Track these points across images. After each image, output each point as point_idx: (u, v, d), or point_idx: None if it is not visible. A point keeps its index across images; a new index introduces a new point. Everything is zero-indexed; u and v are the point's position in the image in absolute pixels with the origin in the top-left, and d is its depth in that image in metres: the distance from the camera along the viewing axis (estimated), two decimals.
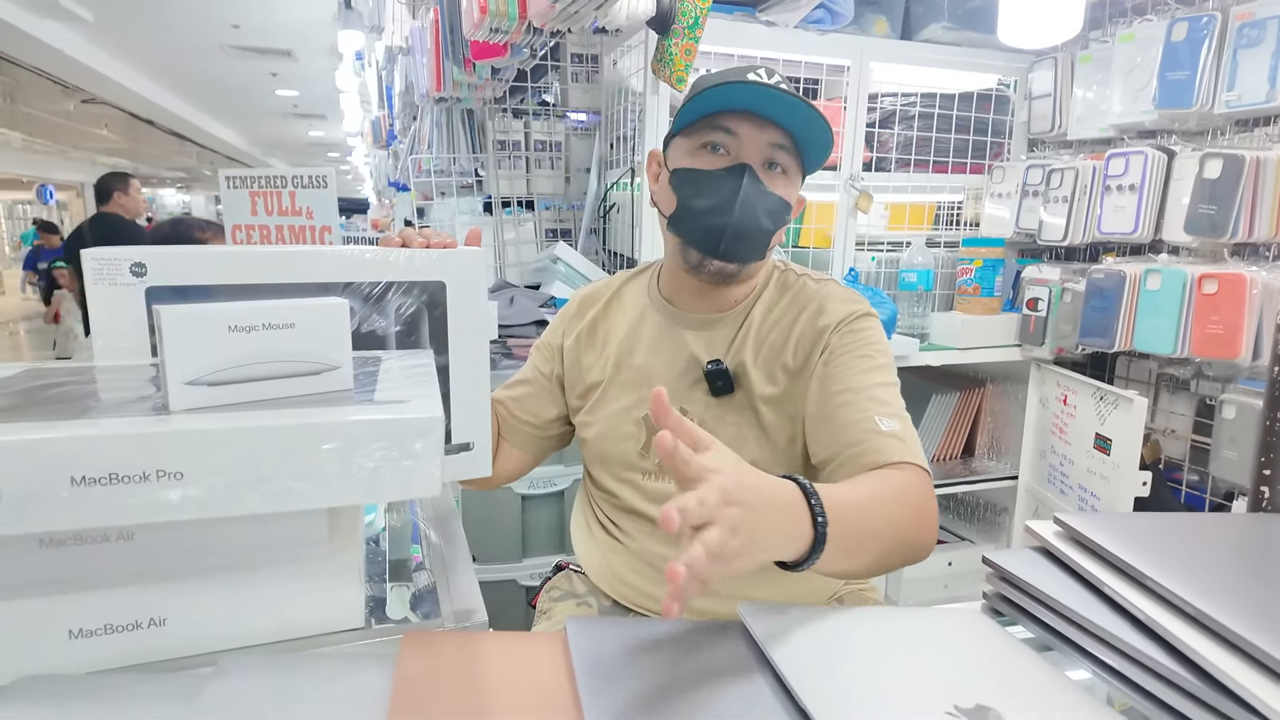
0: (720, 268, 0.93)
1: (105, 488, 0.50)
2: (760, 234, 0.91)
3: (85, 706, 0.49)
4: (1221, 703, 0.48)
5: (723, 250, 0.91)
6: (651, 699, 0.50)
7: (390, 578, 0.76)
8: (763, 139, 0.89)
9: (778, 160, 0.91)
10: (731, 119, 0.90)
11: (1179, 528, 0.71)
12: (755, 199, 0.89)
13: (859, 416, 0.85)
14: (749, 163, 0.89)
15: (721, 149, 0.91)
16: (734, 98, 0.88)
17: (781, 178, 0.92)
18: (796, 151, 0.91)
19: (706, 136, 0.91)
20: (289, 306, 0.61)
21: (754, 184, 0.89)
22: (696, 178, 0.91)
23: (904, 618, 0.64)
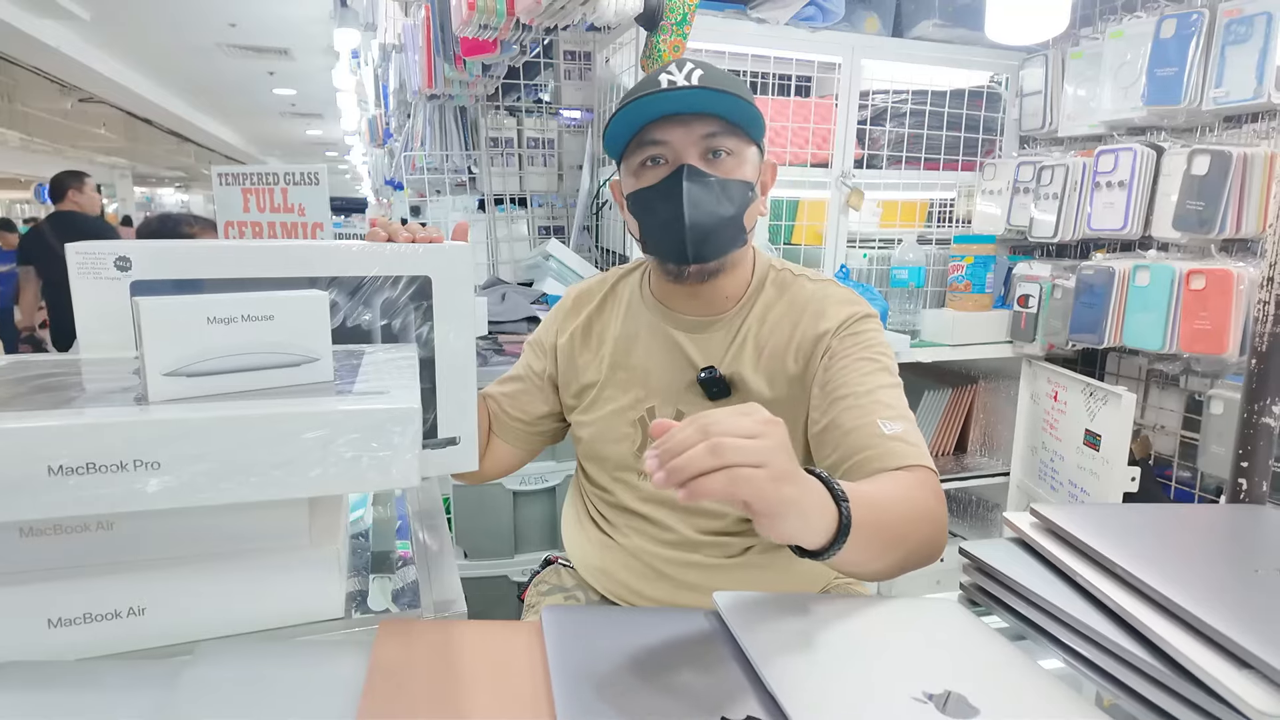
0: (700, 269, 0.92)
1: (83, 477, 0.50)
2: (723, 222, 0.89)
3: (64, 693, 0.50)
4: (1188, 689, 0.49)
5: (693, 253, 0.90)
6: (623, 687, 0.50)
7: (373, 570, 0.77)
8: (693, 134, 0.88)
9: (717, 147, 0.89)
10: (656, 128, 0.88)
11: (1154, 519, 0.72)
12: (702, 192, 0.88)
13: (864, 420, 0.84)
14: (687, 162, 0.88)
15: (660, 159, 0.90)
16: (648, 110, 0.88)
17: (729, 159, 0.90)
18: (735, 127, 0.89)
19: (642, 154, 0.91)
20: (268, 299, 0.62)
21: (696, 179, 0.87)
22: (645, 196, 0.91)
23: (879, 607, 0.64)
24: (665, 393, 0.98)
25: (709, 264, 0.92)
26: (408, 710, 0.46)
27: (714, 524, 0.97)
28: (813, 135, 1.93)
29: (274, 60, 7.26)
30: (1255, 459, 0.81)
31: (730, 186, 0.89)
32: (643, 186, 0.91)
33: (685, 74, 0.87)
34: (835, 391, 0.89)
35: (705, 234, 0.89)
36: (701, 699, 0.50)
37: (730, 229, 0.91)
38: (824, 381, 0.91)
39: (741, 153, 0.91)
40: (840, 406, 0.88)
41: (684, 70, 0.88)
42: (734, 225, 0.91)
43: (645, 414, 0.98)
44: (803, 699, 0.48)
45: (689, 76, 0.87)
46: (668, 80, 0.87)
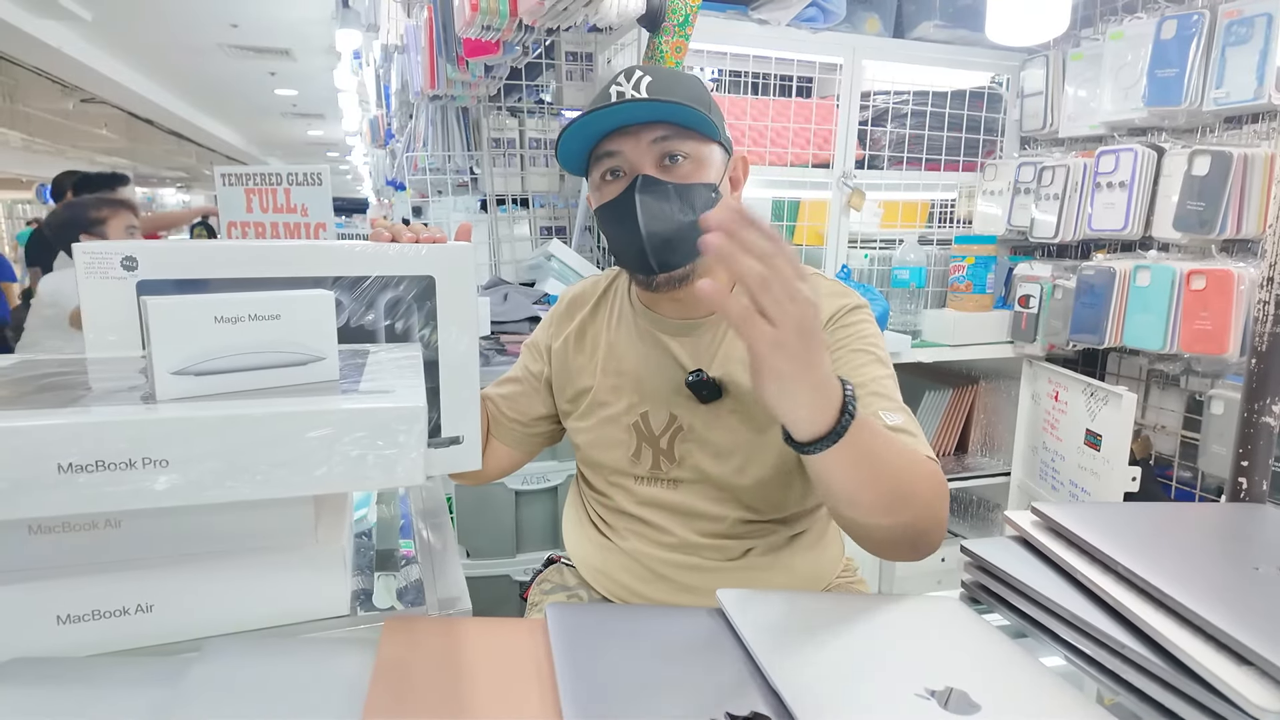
0: (667, 278, 0.91)
1: (92, 474, 0.51)
2: (684, 229, 0.87)
3: (71, 688, 0.50)
4: (1188, 685, 0.49)
5: (656, 263, 0.88)
6: (628, 683, 0.51)
7: (377, 568, 0.77)
8: (644, 143, 0.87)
9: (672, 151, 0.87)
10: (609, 141, 0.88)
11: (1154, 517, 0.72)
12: (657, 202, 0.86)
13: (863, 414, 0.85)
14: (643, 171, 0.87)
15: (619, 171, 0.89)
16: (598, 124, 0.87)
17: (687, 163, 0.88)
18: (689, 130, 0.87)
19: (600, 167, 0.90)
20: (275, 298, 0.62)
21: (650, 190, 0.86)
22: (606, 211, 0.91)
23: (881, 604, 0.64)
24: (657, 397, 0.97)
25: (676, 271, 0.90)
26: (414, 706, 0.47)
27: (713, 527, 0.97)
28: (814, 136, 1.94)
29: (275, 61, 7.27)
30: (1255, 458, 0.81)
31: (688, 191, 0.87)
32: (604, 201, 0.91)
33: (633, 83, 0.86)
34: None
35: (664, 242, 0.87)
36: (706, 695, 0.50)
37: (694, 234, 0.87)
38: None
39: (700, 155, 0.89)
40: None
41: (632, 80, 0.87)
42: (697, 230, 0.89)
43: (639, 419, 0.98)
44: (806, 694, 0.48)
45: (637, 86, 0.86)
46: (616, 93, 0.86)
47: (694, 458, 0.96)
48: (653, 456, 0.98)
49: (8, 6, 5.08)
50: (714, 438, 0.95)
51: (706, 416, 0.96)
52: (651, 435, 0.98)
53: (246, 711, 0.47)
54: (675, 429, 0.97)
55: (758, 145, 1.93)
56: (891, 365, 0.92)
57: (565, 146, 0.90)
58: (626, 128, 0.87)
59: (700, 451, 0.96)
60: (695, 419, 0.96)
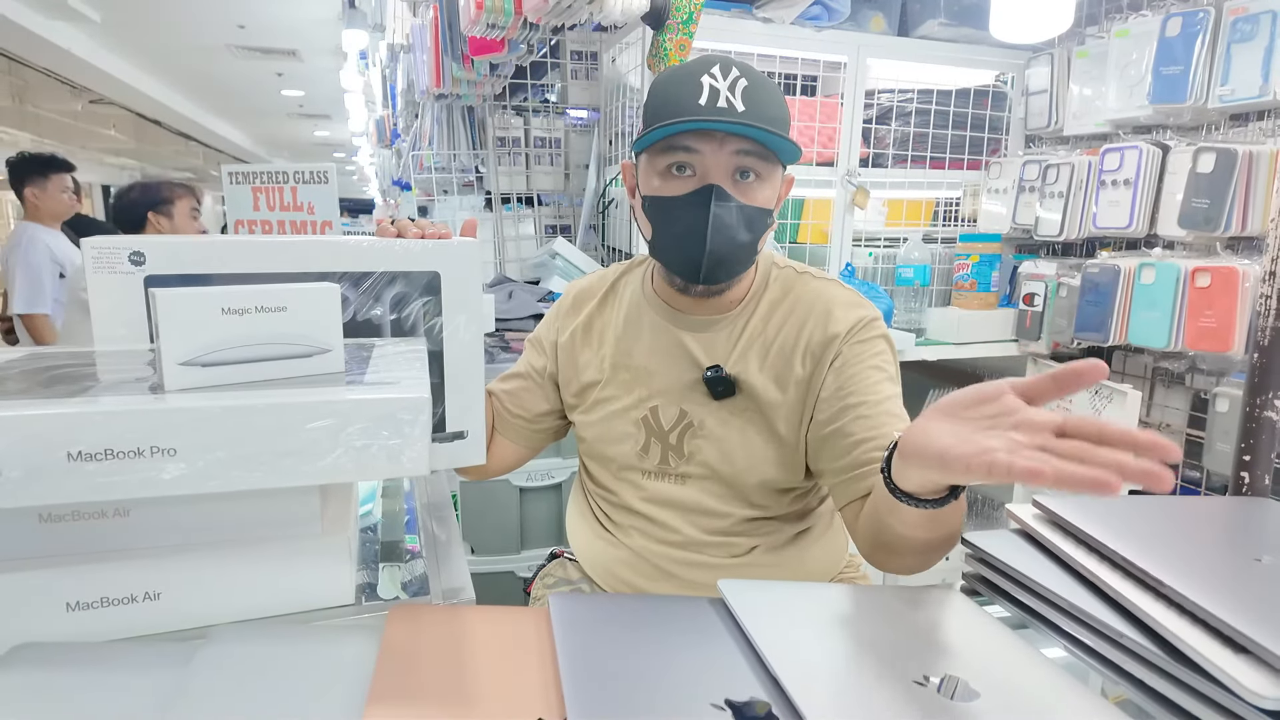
0: (706, 289, 0.92)
1: (101, 463, 0.52)
2: (740, 250, 0.88)
3: (79, 672, 0.51)
4: (1186, 674, 0.50)
5: (705, 276, 0.89)
6: (629, 671, 0.51)
7: (382, 559, 0.78)
8: (725, 152, 0.86)
9: (747, 167, 0.87)
10: (690, 137, 0.86)
11: (1156, 510, 0.72)
12: (727, 220, 0.86)
13: (877, 433, 0.85)
14: (716, 182, 0.86)
15: (688, 169, 0.87)
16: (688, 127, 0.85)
17: (755, 183, 0.88)
18: (766, 150, 0.87)
19: (670, 158, 0.87)
20: (281, 290, 0.63)
21: (723, 205, 0.86)
22: (666, 206, 0.89)
23: (881, 595, 0.65)
24: (669, 392, 0.97)
25: (716, 285, 0.91)
26: (418, 692, 0.47)
27: (719, 524, 0.97)
28: (818, 134, 1.94)
29: (282, 61, 7.30)
30: (1258, 453, 0.81)
31: (752, 214, 0.87)
32: (666, 194, 0.89)
33: (729, 85, 0.84)
34: (846, 399, 0.89)
35: (721, 259, 0.88)
36: (706, 683, 0.50)
37: (745, 254, 0.90)
38: (835, 387, 0.90)
39: (768, 176, 0.89)
40: (851, 415, 0.88)
41: (728, 79, 0.84)
42: (749, 251, 0.90)
43: (649, 414, 0.98)
44: (805, 681, 0.49)
45: (734, 90, 0.84)
46: (710, 88, 0.84)
47: (703, 454, 0.96)
48: (661, 451, 0.98)
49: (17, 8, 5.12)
50: (724, 435, 0.95)
51: (718, 413, 0.96)
52: (661, 430, 0.98)
53: (252, 695, 0.48)
54: (685, 424, 0.97)
55: None
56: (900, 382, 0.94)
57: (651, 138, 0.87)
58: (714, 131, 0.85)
59: (710, 448, 0.96)
60: (706, 415, 0.96)
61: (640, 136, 0.89)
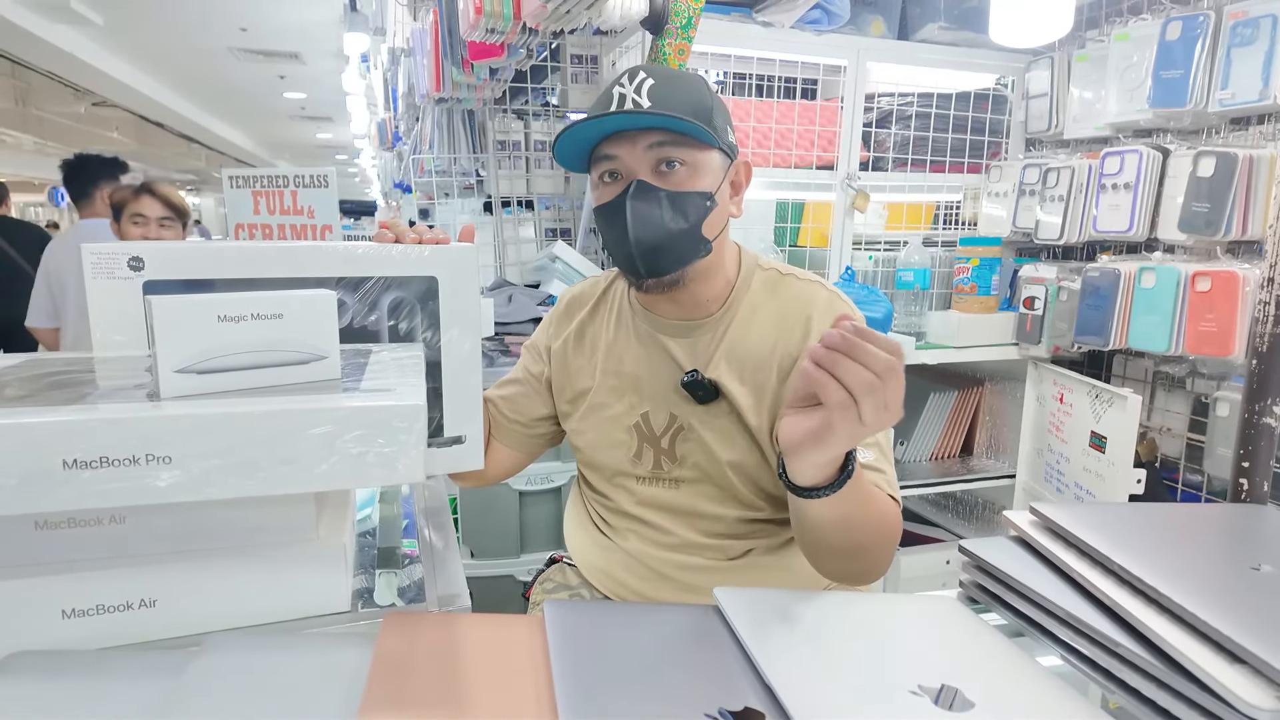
0: (656, 282, 0.91)
1: (96, 471, 0.52)
2: (675, 236, 0.88)
3: (74, 681, 0.51)
4: (1183, 685, 0.50)
5: (645, 268, 0.89)
6: (623, 678, 0.51)
7: (379, 565, 0.78)
8: (639, 148, 0.87)
9: (669, 158, 0.87)
10: (607, 145, 0.88)
11: (1153, 518, 0.72)
12: (649, 209, 0.87)
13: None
14: (638, 176, 0.87)
15: (617, 174, 0.90)
16: (596, 128, 0.88)
17: (683, 170, 0.88)
18: (687, 137, 0.87)
19: (599, 168, 0.91)
20: (277, 298, 0.63)
21: (642, 196, 0.87)
22: (601, 212, 0.91)
23: (878, 603, 0.65)
24: (656, 397, 0.98)
25: (665, 277, 0.90)
26: (411, 700, 0.47)
27: (715, 526, 0.97)
28: (818, 138, 1.94)
29: (284, 64, 7.32)
30: (1256, 459, 0.81)
31: (681, 199, 0.87)
32: (600, 203, 0.91)
33: (635, 85, 0.87)
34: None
35: (653, 249, 0.88)
36: (700, 691, 0.50)
37: (684, 242, 0.89)
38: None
39: (696, 161, 0.88)
40: None
41: (635, 81, 0.87)
42: (688, 238, 0.89)
43: (640, 420, 0.99)
44: (799, 690, 0.49)
45: (639, 89, 0.86)
46: (618, 94, 0.87)
47: (695, 457, 0.96)
48: (654, 456, 0.98)
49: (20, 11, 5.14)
50: (715, 437, 0.95)
51: (705, 416, 0.96)
52: (652, 435, 0.98)
53: (246, 703, 0.48)
54: (676, 429, 0.97)
55: (762, 147, 1.93)
56: None
57: (563, 147, 0.90)
58: (625, 132, 0.87)
59: (702, 451, 0.96)
60: (695, 419, 0.96)
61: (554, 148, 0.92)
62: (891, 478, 0.88)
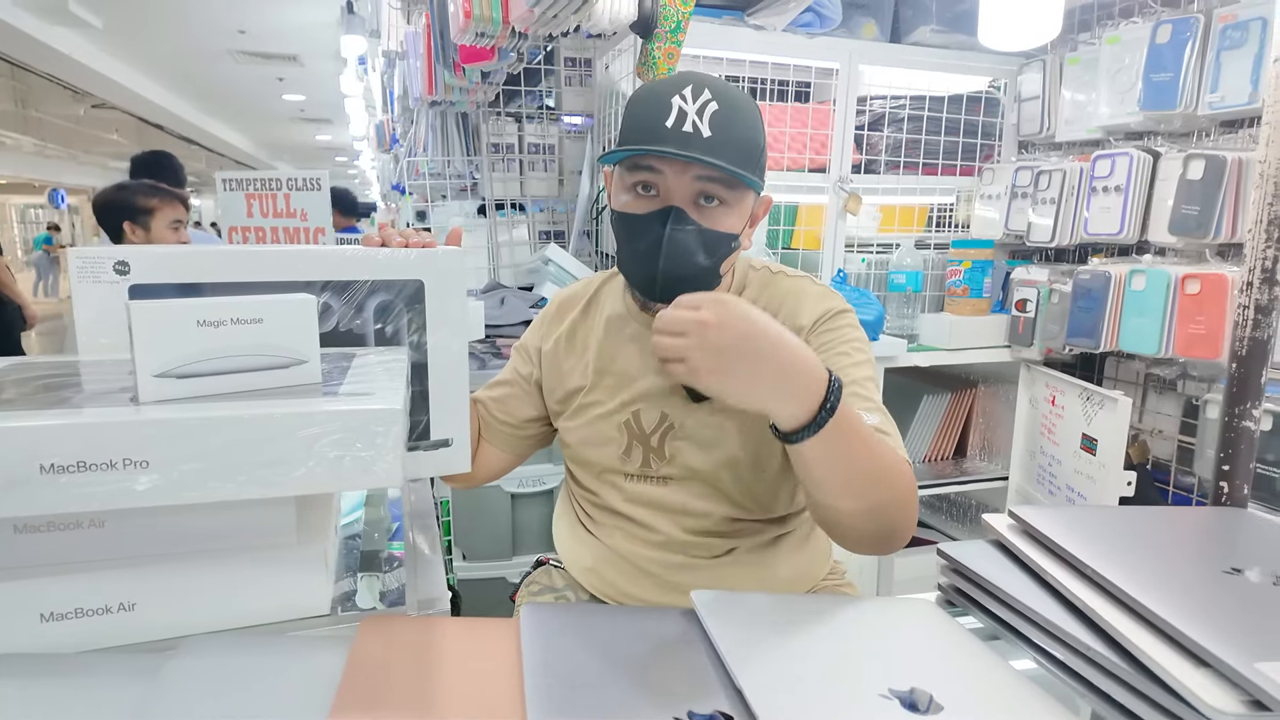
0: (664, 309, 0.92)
1: (74, 475, 0.52)
2: (697, 272, 0.88)
3: (49, 682, 0.52)
4: (1150, 688, 0.50)
5: (660, 294, 0.88)
6: (595, 682, 0.51)
7: (362, 569, 0.78)
8: (688, 176, 0.85)
9: (710, 193, 0.86)
10: (656, 159, 0.86)
11: (1131, 521, 0.72)
12: (682, 242, 0.86)
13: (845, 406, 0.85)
14: (677, 204, 0.86)
15: (652, 189, 0.88)
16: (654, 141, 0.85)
17: (719, 209, 0.88)
18: (732, 177, 0.86)
19: (636, 176, 0.88)
20: (257, 302, 0.63)
21: (680, 228, 0.86)
22: (629, 222, 0.90)
23: (854, 606, 0.65)
24: (649, 396, 0.98)
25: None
26: (383, 703, 0.48)
27: (700, 523, 0.98)
28: (810, 140, 1.94)
29: (283, 66, 7.33)
30: (1236, 462, 0.81)
31: (711, 238, 0.88)
32: (628, 211, 0.90)
33: (698, 108, 0.84)
34: None
35: (677, 279, 0.87)
36: (671, 694, 0.51)
37: (704, 276, 0.89)
38: None
39: (734, 202, 0.88)
40: None
41: (698, 102, 0.84)
42: (708, 274, 0.90)
43: (631, 417, 0.99)
44: (768, 693, 0.49)
45: (701, 114, 0.84)
46: (678, 110, 0.84)
47: (684, 455, 0.97)
48: (643, 454, 0.99)
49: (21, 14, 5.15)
50: (704, 436, 0.96)
51: (697, 415, 0.97)
52: (642, 433, 0.99)
53: (217, 707, 0.48)
54: (666, 427, 0.98)
55: None
56: (873, 366, 0.94)
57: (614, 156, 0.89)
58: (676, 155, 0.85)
59: (690, 449, 0.97)
60: (686, 417, 0.97)
61: (607, 153, 0.90)
62: (897, 440, 0.86)
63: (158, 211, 2.20)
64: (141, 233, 2.19)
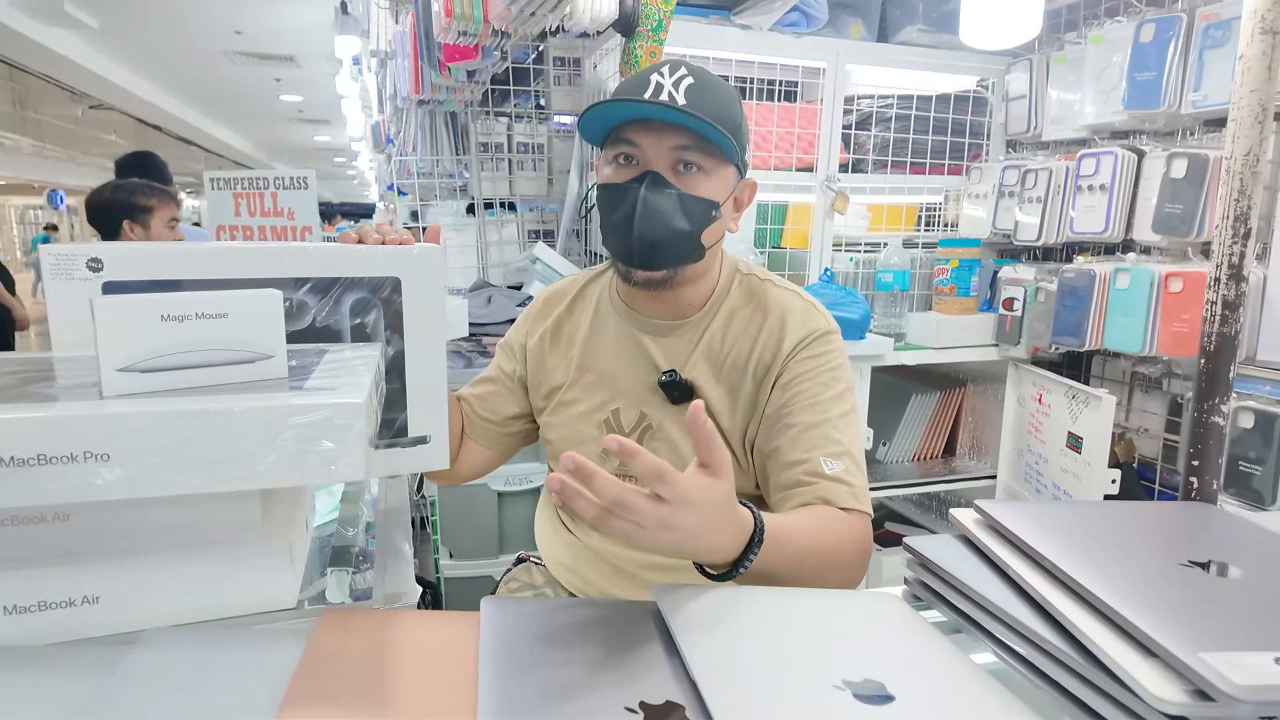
0: (646, 277, 0.92)
1: (35, 469, 0.52)
2: (675, 236, 0.89)
3: (7, 673, 0.52)
4: (1103, 680, 0.50)
5: (638, 259, 0.90)
6: (550, 674, 0.52)
7: (332, 564, 0.78)
8: (664, 145, 0.88)
9: (689, 160, 0.89)
10: (632, 129, 0.89)
11: (1097, 516, 0.73)
12: (658, 205, 0.88)
13: (807, 455, 0.87)
14: (655, 169, 0.88)
15: (633, 159, 0.90)
16: (628, 111, 0.88)
17: (698, 175, 0.90)
18: (710, 145, 0.88)
19: (616, 149, 0.91)
20: (222, 297, 0.64)
21: (655, 190, 0.88)
22: (608, 191, 0.92)
23: (816, 600, 0.65)
24: (630, 395, 0.99)
25: (655, 273, 0.92)
26: (335, 695, 0.48)
27: None
28: (798, 140, 1.95)
29: (280, 67, 7.34)
30: (1205, 457, 0.82)
31: (689, 202, 0.89)
32: (609, 182, 0.92)
33: (674, 81, 0.87)
34: (787, 417, 0.91)
35: (653, 243, 0.89)
36: (625, 684, 0.51)
37: (682, 243, 0.90)
38: (778, 404, 0.92)
39: (712, 170, 0.90)
40: (787, 435, 0.90)
41: (675, 75, 0.87)
42: (687, 240, 0.90)
43: (610, 416, 1.00)
44: (721, 683, 0.49)
45: (677, 86, 0.87)
46: (655, 83, 0.87)
47: (663, 455, 0.97)
48: None
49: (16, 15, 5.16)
50: (682, 438, 0.96)
51: (676, 416, 0.97)
52: (621, 432, 0.99)
53: (173, 697, 0.48)
54: (645, 427, 0.98)
55: None
56: (851, 397, 0.94)
57: (590, 117, 0.91)
58: (653, 123, 0.88)
59: (670, 450, 0.97)
60: (666, 418, 0.97)
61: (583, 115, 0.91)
62: (859, 489, 0.87)
63: (156, 210, 2.23)
64: (141, 231, 2.21)
